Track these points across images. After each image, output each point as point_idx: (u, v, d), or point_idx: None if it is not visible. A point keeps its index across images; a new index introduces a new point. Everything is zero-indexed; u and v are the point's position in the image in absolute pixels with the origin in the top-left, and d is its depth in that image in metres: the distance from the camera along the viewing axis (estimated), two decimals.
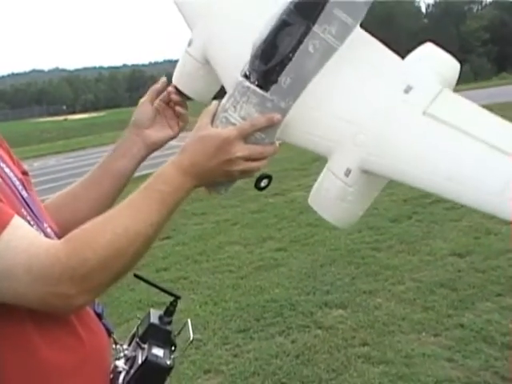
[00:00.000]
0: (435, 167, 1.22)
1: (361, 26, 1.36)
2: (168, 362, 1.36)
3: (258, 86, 1.27)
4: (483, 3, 78.75)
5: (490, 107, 1.30)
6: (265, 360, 4.23)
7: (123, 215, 1.19)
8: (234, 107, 1.28)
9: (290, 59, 1.27)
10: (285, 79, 1.27)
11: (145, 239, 1.19)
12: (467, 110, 1.26)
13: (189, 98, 1.58)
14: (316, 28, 1.26)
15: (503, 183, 1.16)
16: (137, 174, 1.60)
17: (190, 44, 1.53)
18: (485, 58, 63.49)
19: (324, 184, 1.35)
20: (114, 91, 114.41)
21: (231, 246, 7.08)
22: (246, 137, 1.28)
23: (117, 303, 5.36)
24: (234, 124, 1.28)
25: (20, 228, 1.12)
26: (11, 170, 1.31)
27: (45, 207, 1.50)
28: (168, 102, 1.60)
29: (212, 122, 1.30)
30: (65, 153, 23.64)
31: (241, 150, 1.27)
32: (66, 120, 58.59)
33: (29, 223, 1.20)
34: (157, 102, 1.60)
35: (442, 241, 6.36)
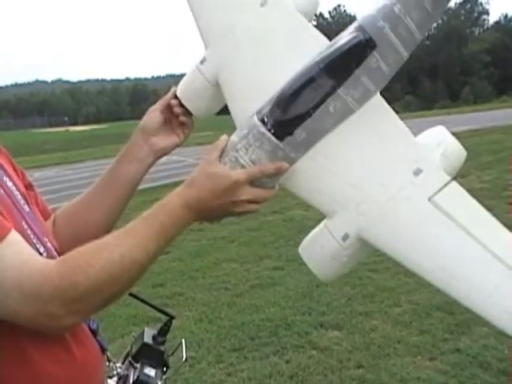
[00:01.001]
0: (431, 255, 1.27)
1: None
2: (159, 383, 1.37)
3: (273, 134, 1.29)
4: (485, 26, 79.38)
5: (492, 129, 1.32)
6: (259, 380, 4.20)
7: (121, 242, 1.20)
8: (246, 149, 1.30)
9: (310, 116, 1.29)
10: (300, 133, 1.30)
11: (140, 267, 1.20)
12: (471, 209, 1.30)
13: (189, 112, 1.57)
14: (341, 90, 1.29)
15: (493, 287, 1.22)
16: (140, 187, 1.60)
17: (202, 62, 1.52)
18: (485, 81, 63.87)
19: (320, 240, 1.39)
20: (116, 104, 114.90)
21: (228, 264, 7.05)
22: (253, 181, 1.30)
23: (112, 318, 5.33)
24: (242, 165, 1.29)
25: (16, 244, 1.13)
26: (14, 184, 1.33)
27: (56, 217, 1.54)
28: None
29: (220, 156, 1.31)
30: (65, 164, 23.62)
31: (246, 193, 1.29)
32: (67, 131, 58.81)
33: (29, 236, 1.22)
34: (164, 110, 1.59)
35: None
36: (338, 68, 1.29)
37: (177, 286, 6.37)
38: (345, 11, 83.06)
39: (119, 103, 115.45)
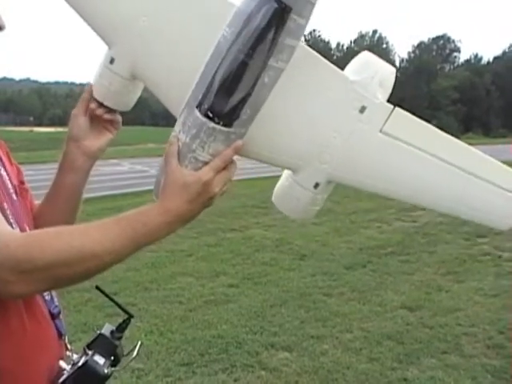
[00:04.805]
0: (397, 179, 1.38)
1: None
2: (105, 371, 1.39)
3: (222, 125, 1.29)
4: (455, 63, 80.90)
5: None
6: None
7: (88, 233, 1.21)
8: (202, 147, 1.29)
9: (250, 95, 1.29)
10: (245, 111, 1.30)
11: (98, 263, 1.21)
12: (419, 128, 1.38)
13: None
14: (271, 61, 1.28)
15: (461, 191, 1.36)
16: (100, 194, 1.59)
17: (112, 62, 1.46)
18: (452, 117, 64.93)
19: (294, 195, 1.45)
20: None
21: (183, 277, 7.02)
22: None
23: None
24: (203, 162, 1.30)
25: None
26: (7, 174, 1.38)
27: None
28: None
29: (179, 160, 1.30)
30: (27, 164, 23.20)
31: (217, 184, 1.30)
32: (32, 131, 58.00)
33: (8, 217, 1.25)
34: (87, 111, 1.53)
35: (393, 293, 6.40)
36: (263, 45, 1.25)
37: (130, 296, 6.29)
38: (319, 36, 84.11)
39: None
